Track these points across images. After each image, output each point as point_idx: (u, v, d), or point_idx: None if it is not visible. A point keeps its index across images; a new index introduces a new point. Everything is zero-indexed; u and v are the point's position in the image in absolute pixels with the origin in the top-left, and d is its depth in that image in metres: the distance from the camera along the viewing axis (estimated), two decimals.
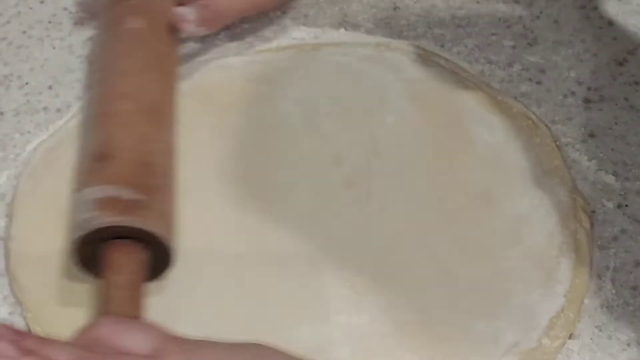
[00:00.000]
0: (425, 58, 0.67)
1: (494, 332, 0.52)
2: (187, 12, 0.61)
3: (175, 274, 0.55)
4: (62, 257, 0.55)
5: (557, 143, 0.62)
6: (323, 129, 0.62)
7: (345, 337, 0.52)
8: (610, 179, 0.61)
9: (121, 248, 0.51)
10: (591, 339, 0.53)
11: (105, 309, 0.50)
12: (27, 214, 0.58)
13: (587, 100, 0.65)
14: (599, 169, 0.61)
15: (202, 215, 0.57)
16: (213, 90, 0.65)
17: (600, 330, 0.54)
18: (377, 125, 0.62)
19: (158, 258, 0.52)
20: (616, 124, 0.64)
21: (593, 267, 0.56)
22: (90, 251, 0.52)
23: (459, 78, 0.66)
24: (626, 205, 0.59)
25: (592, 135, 0.63)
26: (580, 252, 0.57)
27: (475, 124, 0.63)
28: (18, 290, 0.55)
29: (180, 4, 0.62)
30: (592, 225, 0.58)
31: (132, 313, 0.50)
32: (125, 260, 0.51)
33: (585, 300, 0.55)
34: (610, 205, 0.60)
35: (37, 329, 0.53)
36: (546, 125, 0.63)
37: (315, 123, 0.63)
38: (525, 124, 0.63)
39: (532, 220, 0.57)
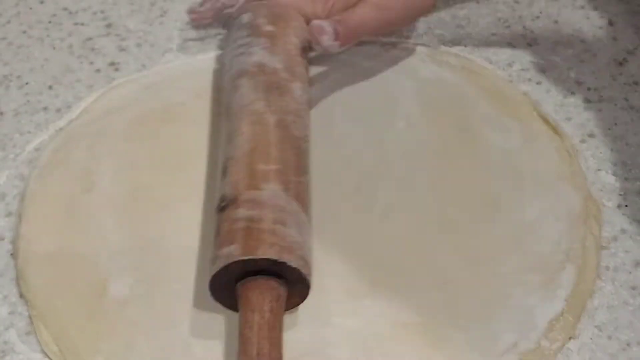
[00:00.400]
0: (433, 57, 0.67)
1: (492, 332, 0.52)
2: (325, 25, 0.60)
3: (175, 273, 0.55)
4: (69, 256, 0.56)
5: (575, 149, 0.62)
6: (338, 132, 0.62)
7: (344, 339, 0.52)
8: (610, 179, 0.61)
9: (259, 285, 0.49)
10: (591, 339, 0.53)
11: (243, 348, 0.47)
12: (36, 214, 0.58)
13: (587, 100, 0.65)
14: (599, 169, 0.61)
15: (207, 214, 0.57)
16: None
17: (600, 330, 0.54)
18: (388, 130, 0.62)
19: (292, 288, 0.50)
20: (616, 124, 0.64)
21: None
22: (226, 284, 0.49)
23: (472, 78, 0.66)
24: (626, 205, 0.59)
25: (592, 135, 0.63)
26: (587, 258, 0.56)
27: (489, 128, 0.62)
28: (25, 288, 0.55)
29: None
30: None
31: (273, 354, 0.47)
32: (264, 297, 0.48)
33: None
34: (610, 205, 0.59)
35: (41, 327, 0.53)
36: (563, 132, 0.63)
37: (331, 125, 0.62)
38: (544, 128, 0.63)
39: (539, 226, 0.57)
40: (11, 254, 0.57)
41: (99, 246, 0.56)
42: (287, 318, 0.53)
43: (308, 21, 0.62)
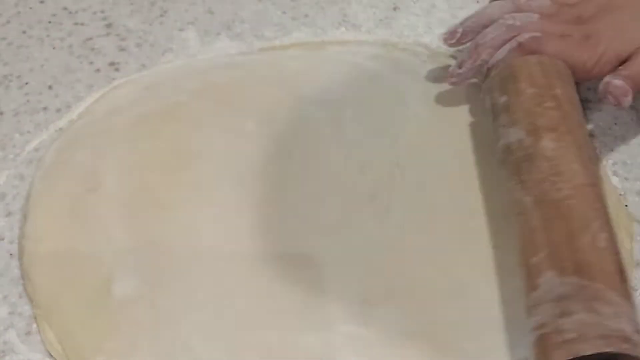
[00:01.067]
0: (434, 59, 0.67)
1: (504, 345, 0.51)
2: (620, 85, 0.56)
3: (179, 273, 0.55)
4: (74, 256, 0.56)
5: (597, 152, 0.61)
6: (350, 136, 0.61)
7: (350, 346, 0.51)
8: (610, 179, 0.61)
9: None
10: None
11: None
12: (42, 214, 0.58)
13: (587, 100, 0.65)
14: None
15: (213, 215, 0.57)
16: (225, 90, 0.64)
17: None
18: (400, 133, 0.61)
19: None
20: (616, 124, 0.64)
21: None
22: None
23: (475, 82, 0.64)
24: (626, 206, 0.59)
25: (592, 135, 0.63)
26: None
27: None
28: (30, 288, 0.55)
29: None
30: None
31: None
32: None
33: None
34: None
35: (46, 327, 0.53)
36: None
37: (342, 129, 0.61)
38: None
39: None
40: (11, 254, 0.57)
41: (104, 246, 0.56)
42: (294, 322, 0.52)
43: (575, 72, 0.58)
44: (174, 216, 0.58)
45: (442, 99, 0.64)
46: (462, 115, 0.63)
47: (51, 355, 0.52)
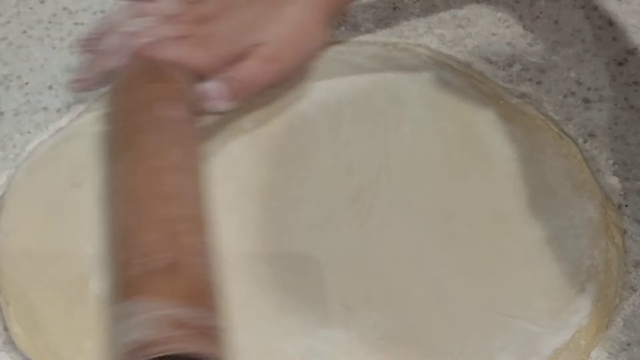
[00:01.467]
0: (436, 59, 0.67)
1: (487, 350, 0.51)
2: (213, 89, 0.57)
3: None
4: (50, 251, 0.55)
5: (584, 154, 0.61)
6: (344, 136, 0.61)
7: (332, 351, 0.51)
8: (610, 179, 0.61)
9: None
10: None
11: None
12: (18, 207, 0.57)
13: (587, 100, 0.65)
14: (599, 169, 0.61)
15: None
16: None
17: None
18: (392, 134, 0.61)
19: None
20: (616, 124, 0.64)
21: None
22: None
23: (473, 82, 0.65)
24: (626, 205, 0.59)
25: (592, 135, 0.63)
26: (610, 272, 0.55)
27: (494, 136, 0.61)
28: (1, 281, 0.54)
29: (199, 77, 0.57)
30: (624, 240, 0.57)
31: None
32: None
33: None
34: None
35: (15, 321, 0.52)
36: (569, 137, 0.62)
37: (337, 130, 0.61)
38: (550, 135, 0.62)
39: (555, 244, 0.55)
40: None
41: (83, 242, 0.55)
42: (274, 327, 0.52)
43: (197, 73, 0.57)
44: None
45: (441, 100, 0.64)
46: (459, 117, 0.63)
47: (22, 354, 0.51)
